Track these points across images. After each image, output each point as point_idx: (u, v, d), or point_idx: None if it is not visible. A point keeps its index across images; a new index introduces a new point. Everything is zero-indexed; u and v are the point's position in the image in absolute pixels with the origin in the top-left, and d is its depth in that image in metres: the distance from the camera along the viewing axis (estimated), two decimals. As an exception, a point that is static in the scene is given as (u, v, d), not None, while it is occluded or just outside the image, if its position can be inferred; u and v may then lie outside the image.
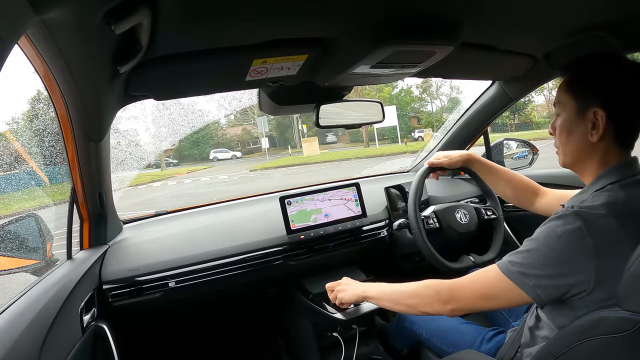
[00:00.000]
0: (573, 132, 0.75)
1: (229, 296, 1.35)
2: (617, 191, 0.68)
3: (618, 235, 0.63)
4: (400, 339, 1.34)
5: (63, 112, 0.82)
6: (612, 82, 0.70)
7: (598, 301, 0.65)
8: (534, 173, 1.60)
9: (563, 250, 0.65)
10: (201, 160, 21.65)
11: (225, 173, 14.51)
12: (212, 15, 0.64)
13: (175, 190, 11.38)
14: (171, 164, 21.16)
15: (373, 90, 18.68)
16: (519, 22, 0.89)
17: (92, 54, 0.64)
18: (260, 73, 0.90)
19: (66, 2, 0.48)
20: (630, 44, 1.00)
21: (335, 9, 0.69)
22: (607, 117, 0.69)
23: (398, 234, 1.45)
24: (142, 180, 13.91)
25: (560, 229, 0.66)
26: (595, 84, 0.71)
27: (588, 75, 0.73)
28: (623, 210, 0.65)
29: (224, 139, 23.74)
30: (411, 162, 2.02)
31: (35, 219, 1.05)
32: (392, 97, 20.02)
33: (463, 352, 0.99)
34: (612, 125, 0.70)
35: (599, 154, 0.73)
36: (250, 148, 23.17)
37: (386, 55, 0.80)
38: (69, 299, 0.87)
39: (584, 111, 0.72)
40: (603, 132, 0.70)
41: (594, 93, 0.71)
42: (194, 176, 15.00)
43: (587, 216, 0.64)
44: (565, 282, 0.65)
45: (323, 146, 21.34)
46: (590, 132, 0.71)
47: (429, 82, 20.72)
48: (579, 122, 0.73)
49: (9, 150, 2.36)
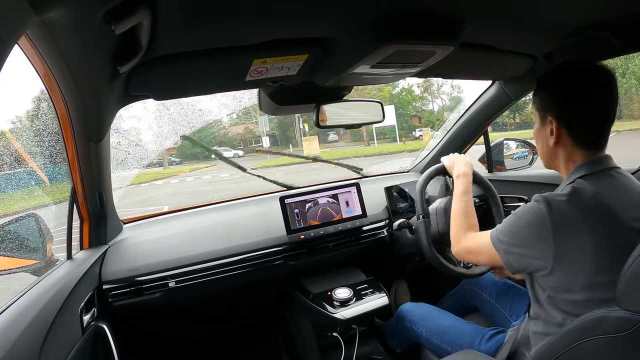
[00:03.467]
0: (539, 139, 0.86)
1: (229, 296, 1.35)
2: (585, 184, 0.74)
3: (578, 223, 0.69)
4: (398, 339, 1.34)
5: (63, 112, 0.82)
6: (560, 91, 0.78)
7: (558, 287, 0.72)
8: (534, 173, 1.60)
9: (526, 226, 0.75)
10: (204, 159, 21.62)
11: (227, 172, 14.45)
12: (212, 16, 0.64)
13: (177, 189, 11.66)
14: (174, 162, 21.37)
15: (374, 89, 18.68)
16: (519, 22, 0.89)
17: (92, 54, 0.64)
18: (261, 73, 0.90)
19: (66, 2, 0.48)
20: (629, 44, 1.00)
21: (335, 10, 0.69)
22: (557, 123, 0.78)
23: (398, 234, 1.45)
24: (144, 178, 13.90)
25: (527, 209, 0.76)
26: (547, 96, 0.81)
27: (540, 89, 0.83)
28: (587, 199, 0.71)
29: (226, 138, 23.90)
30: (411, 162, 2.02)
31: (35, 219, 1.04)
32: (393, 96, 19.98)
33: (462, 352, 0.99)
34: (565, 129, 0.78)
35: (563, 155, 0.81)
36: (253, 147, 23.32)
37: (386, 55, 0.80)
38: (69, 299, 0.87)
39: (544, 120, 0.82)
40: (558, 137, 0.79)
41: (547, 104, 0.81)
42: (196, 174, 15.26)
43: (551, 201, 0.72)
44: (527, 255, 0.75)
45: (325, 145, 21.53)
46: (549, 138, 0.81)
47: (430, 82, 20.69)
48: (542, 129, 0.83)
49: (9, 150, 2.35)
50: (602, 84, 0.75)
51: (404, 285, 1.71)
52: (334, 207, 1.38)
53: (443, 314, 1.20)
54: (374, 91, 18.78)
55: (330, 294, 1.25)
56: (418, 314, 1.22)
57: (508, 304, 1.19)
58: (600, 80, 0.75)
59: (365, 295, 1.26)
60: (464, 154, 1.83)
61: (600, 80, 0.75)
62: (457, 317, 1.16)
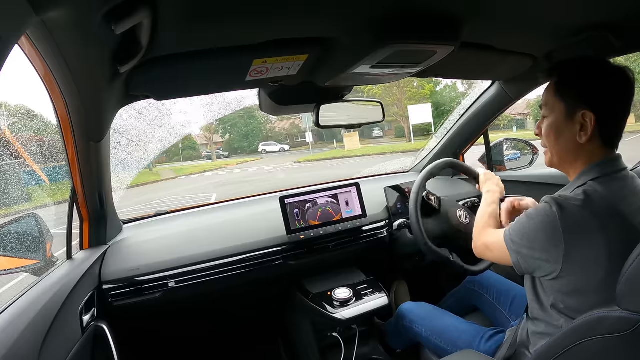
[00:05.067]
0: (562, 134, 0.78)
1: (228, 296, 1.35)
2: (596, 186, 0.72)
3: (590, 226, 0.68)
4: (398, 339, 1.34)
5: (63, 112, 0.82)
6: (599, 85, 0.74)
7: (564, 291, 0.71)
8: (534, 173, 1.60)
9: (537, 229, 0.73)
10: (250, 152, 22.85)
11: (271, 165, 16.15)
12: (213, 16, 0.64)
13: (224, 179, 13.12)
14: (222, 155, 22.62)
15: (415, 87, 18.82)
16: (519, 22, 0.89)
17: (93, 53, 0.64)
18: (261, 73, 0.90)
19: (66, 2, 0.48)
20: (630, 44, 1.00)
21: (335, 10, 0.69)
22: (595, 119, 0.73)
23: (398, 234, 1.45)
24: (194, 170, 16.38)
25: (538, 211, 0.73)
26: (584, 88, 0.75)
27: (576, 79, 0.76)
28: (599, 204, 0.69)
29: (272, 133, 24.63)
30: (411, 162, 2.02)
31: (35, 219, 1.04)
32: (435, 93, 19.80)
33: (462, 352, 0.99)
34: (600, 126, 0.74)
35: (585, 154, 0.77)
36: (298, 142, 24.10)
37: (386, 55, 0.80)
38: (68, 299, 0.87)
39: (573, 114, 0.75)
40: (591, 134, 0.74)
41: (583, 96, 0.74)
42: (243, 167, 16.72)
43: (562, 203, 0.70)
44: (537, 257, 0.73)
45: (369, 140, 22.20)
46: (578, 134, 0.75)
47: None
48: (568, 124, 0.76)
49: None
50: (630, 81, 0.73)
51: (404, 285, 1.71)
52: (334, 207, 1.38)
53: (443, 313, 1.20)
54: (415, 88, 18.99)
55: (330, 294, 1.25)
56: (418, 314, 1.22)
57: (508, 304, 1.19)
58: (628, 77, 0.73)
59: (365, 295, 1.26)
60: (464, 154, 1.84)
61: (629, 77, 0.73)
62: (457, 317, 1.16)
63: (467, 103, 1.65)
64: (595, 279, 0.68)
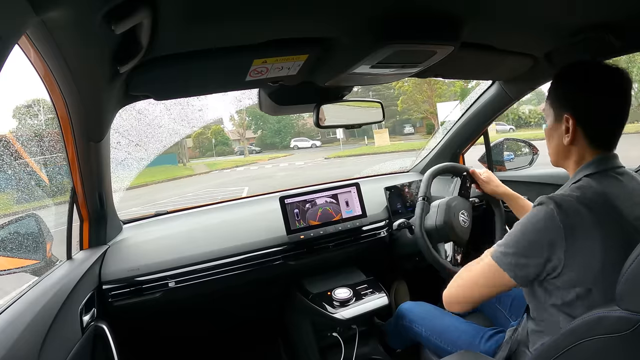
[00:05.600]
0: (552, 137, 0.84)
1: (228, 296, 1.35)
2: (591, 182, 0.74)
3: (587, 220, 0.69)
4: (397, 339, 1.34)
5: (63, 112, 0.82)
6: (579, 89, 0.77)
7: (564, 288, 0.71)
8: (534, 173, 1.60)
9: (536, 228, 0.72)
10: (282, 148, 23.27)
11: (302, 160, 16.79)
12: (213, 16, 0.64)
13: (255, 174, 13.82)
14: (254, 151, 23.20)
15: (445, 84, 18.88)
16: (519, 22, 0.89)
17: (93, 53, 0.64)
18: (261, 73, 0.90)
19: (66, 2, 0.48)
20: (630, 44, 1.00)
21: (335, 10, 0.69)
22: (575, 122, 0.77)
23: (398, 234, 1.45)
24: (227, 165, 17.41)
25: (535, 211, 0.74)
26: (565, 93, 0.79)
27: (560, 84, 0.81)
28: (594, 198, 0.71)
29: (304, 129, 24.90)
30: (411, 162, 2.02)
31: (35, 219, 1.04)
32: (466, 90, 19.74)
33: (462, 352, 0.99)
34: (582, 128, 0.77)
35: (575, 154, 0.80)
36: (330, 137, 24.40)
37: (386, 55, 0.80)
38: (68, 299, 0.87)
39: (560, 118, 0.80)
40: (574, 136, 0.78)
41: (564, 101, 0.79)
42: (274, 162, 17.38)
43: (559, 200, 0.71)
44: (538, 259, 0.72)
45: (400, 137, 22.55)
46: (564, 136, 0.79)
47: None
48: (556, 127, 0.81)
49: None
50: (618, 85, 0.75)
51: (404, 285, 1.71)
52: (334, 207, 1.38)
53: (443, 313, 1.20)
54: (445, 86, 19.12)
55: (330, 294, 1.25)
56: (418, 313, 1.22)
57: (508, 304, 1.18)
58: (616, 81, 0.75)
59: (365, 295, 1.26)
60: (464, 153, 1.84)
61: (616, 81, 0.75)
62: (457, 317, 1.16)
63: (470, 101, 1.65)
64: (592, 272, 0.69)
